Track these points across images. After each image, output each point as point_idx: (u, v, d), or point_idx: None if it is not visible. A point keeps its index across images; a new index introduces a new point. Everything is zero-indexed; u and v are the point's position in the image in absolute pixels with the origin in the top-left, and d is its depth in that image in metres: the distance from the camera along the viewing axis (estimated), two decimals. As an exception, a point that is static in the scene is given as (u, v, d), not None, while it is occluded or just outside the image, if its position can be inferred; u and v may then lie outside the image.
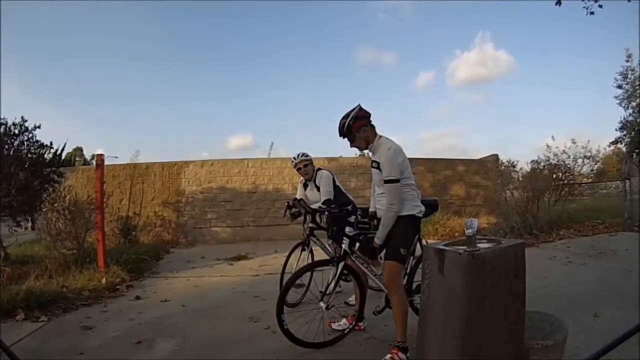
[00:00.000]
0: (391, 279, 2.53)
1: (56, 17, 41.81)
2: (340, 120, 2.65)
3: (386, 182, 2.52)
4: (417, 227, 2.74)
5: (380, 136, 2.68)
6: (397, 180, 2.51)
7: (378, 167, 2.58)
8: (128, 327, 3.38)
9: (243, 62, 57.36)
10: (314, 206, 3.66)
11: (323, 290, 2.84)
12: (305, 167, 3.88)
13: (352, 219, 2.78)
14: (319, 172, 3.91)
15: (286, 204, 3.96)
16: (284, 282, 3.46)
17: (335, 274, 2.76)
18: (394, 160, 2.52)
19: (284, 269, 3.85)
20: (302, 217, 3.86)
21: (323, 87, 62.64)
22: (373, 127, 2.67)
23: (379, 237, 2.57)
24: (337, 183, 3.96)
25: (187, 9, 49.33)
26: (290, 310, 2.80)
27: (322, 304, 2.76)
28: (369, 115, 2.67)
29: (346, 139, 2.67)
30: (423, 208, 2.69)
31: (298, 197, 3.99)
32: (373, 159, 2.66)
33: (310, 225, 3.72)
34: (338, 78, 62.00)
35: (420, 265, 2.44)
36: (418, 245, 2.89)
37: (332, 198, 3.73)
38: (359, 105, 2.67)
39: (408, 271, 2.87)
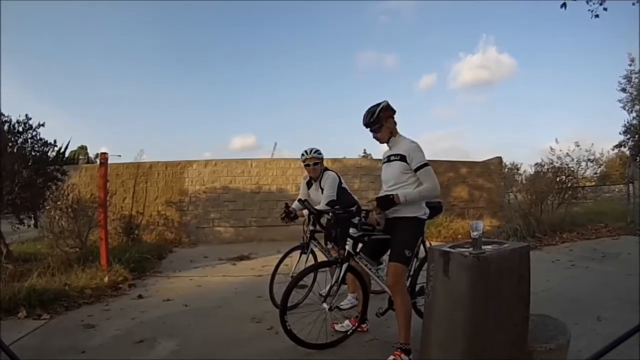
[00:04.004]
0: (395, 280, 2.52)
1: (60, 17, 42.01)
2: (369, 110, 2.69)
3: (420, 167, 2.55)
4: (421, 229, 2.74)
5: (400, 135, 2.73)
6: (428, 164, 2.57)
7: (402, 159, 2.59)
8: (130, 326, 3.38)
9: (246, 63, 57.63)
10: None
11: (326, 291, 2.83)
12: (315, 165, 3.70)
13: (356, 220, 2.77)
14: (326, 172, 3.75)
15: (284, 205, 3.87)
16: (286, 285, 3.46)
17: (339, 275, 2.75)
18: (420, 148, 2.61)
19: (275, 272, 3.73)
20: (300, 219, 3.81)
21: (326, 88, 62.83)
22: (395, 122, 2.73)
23: (405, 196, 2.52)
24: (343, 185, 3.82)
25: (190, 10, 49.42)
26: (293, 311, 2.79)
27: (325, 305, 2.75)
28: (395, 111, 2.71)
29: (372, 127, 2.70)
30: (427, 210, 2.71)
31: (301, 197, 3.85)
32: (392, 153, 2.69)
33: (311, 228, 3.65)
34: (341, 79, 62.16)
35: (424, 267, 2.43)
36: (422, 247, 2.88)
37: (330, 203, 3.59)
38: (386, 100, 2.71)
39: (412, 273, 2.85)
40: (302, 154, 3.75)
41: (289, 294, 2.68)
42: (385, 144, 2.76)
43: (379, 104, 2.68)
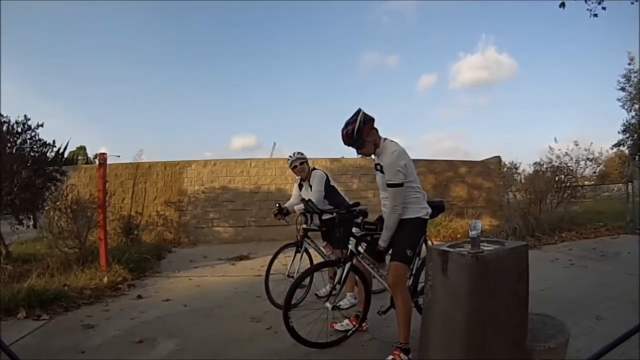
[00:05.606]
0: (396, 280, 2.52)
1: (61, 16, 41.94)
2: (347, 127, 2.56)
3: (389, 185, 2.51)
4: (423, 229, 2.74)
5: (385, 139, 2.64)
6: (400, 185, 2.49)
7: (382, 171, 2.57)
8: (129, 326, 3.38)
9: (247, 63, 57.42)
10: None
11: (328, 291, 2.83)
12: (301, 165, 3.91)
13: (359, 219, 2.77)
14: (313, 171, 3.94)
15: (277, 205, 4.03)
16: (282, 282, 3.47)
17: (341, 275, 2.76)
18: (396, 164, 2.49)
19: (269, 270, 3.81)
20: (292, 215, 3.90)
21: (326, 88, 62.65)
22: (377, 130, 2.62)
23: (383, 240, 2.59)
24: (332, 183, 3.96)
25: (191, 10, 49.36)
26: (293, 310, 2.79)
27: (328, 304, 2.76)
28: (373, 119, 2.60)
29: (354, 146, 2.60)
30: (430, 210, 2.69)
31: (294, 199, 4.08)
32: (378, 162, 2.63)
33: (304, 226, 3.75)
34: (341, 80, 61.97)
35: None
36: (424, 247, 2.88)
37: (319, 198, 3.74)
38: (360, 109, 2.59)
39: (414, 272, 2.84)
40: (288, 159, 3.99)
41: (292, 293, 2.70)
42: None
43: (354, 119, 2.53)
